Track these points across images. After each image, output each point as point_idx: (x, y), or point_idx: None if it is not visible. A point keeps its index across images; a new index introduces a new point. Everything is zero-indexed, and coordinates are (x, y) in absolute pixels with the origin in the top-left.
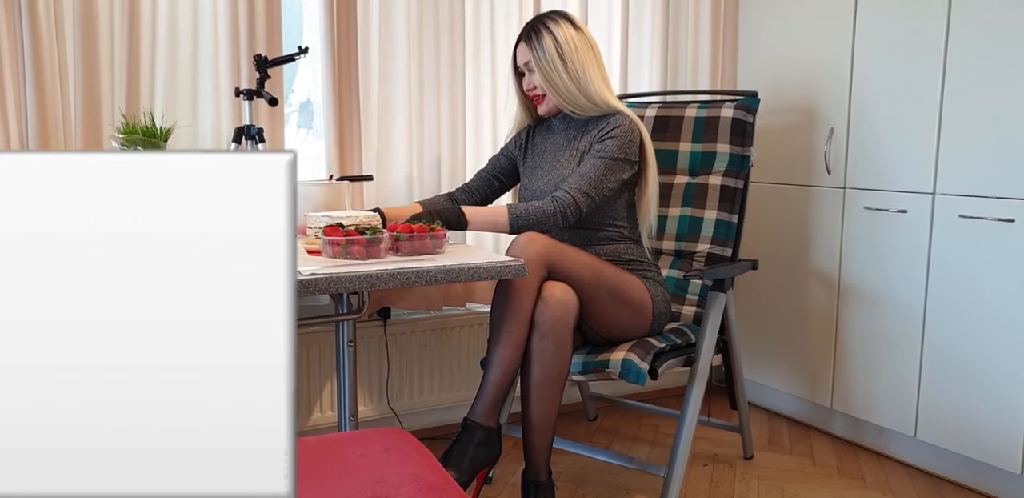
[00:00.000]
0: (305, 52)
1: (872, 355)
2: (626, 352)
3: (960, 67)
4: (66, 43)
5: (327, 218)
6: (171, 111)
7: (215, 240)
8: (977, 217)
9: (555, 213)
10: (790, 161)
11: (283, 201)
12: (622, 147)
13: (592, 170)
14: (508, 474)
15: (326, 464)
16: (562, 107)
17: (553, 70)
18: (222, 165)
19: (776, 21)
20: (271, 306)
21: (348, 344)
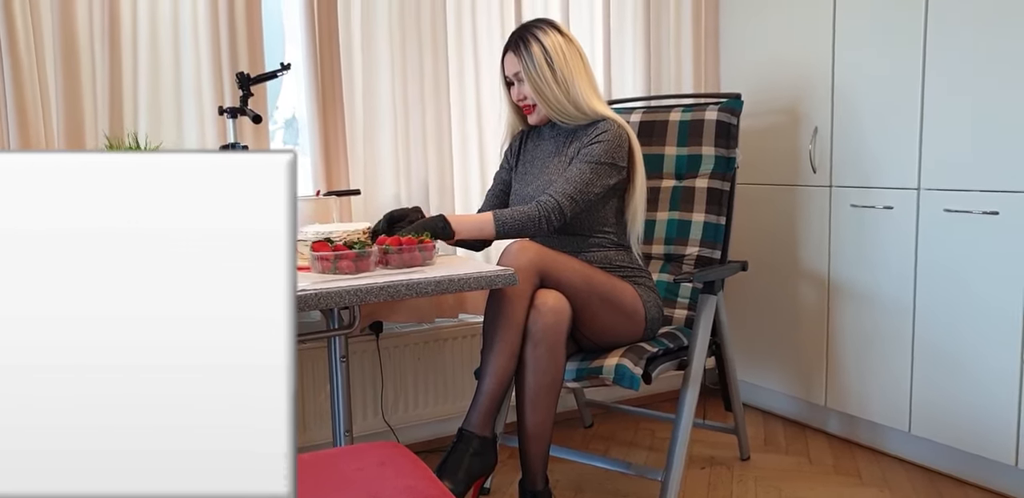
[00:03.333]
0: (288, 68)
1: (864, 352)
2: (619, 357)
3: (939, 63)
4: (46, 65)
5: (318, 233)
6: (155, 131)
7: (215, 240)
8: (962, 211)
9: (539, 217)
10: (775, 161)
11: (283, 201)
12: (609, 152)
13: (578, 174)
14: (505, 484)
15: (322, 479)
16: (551, 117)
17: (542, 79)
18: (222, 165)
19: (757, 23)
20: (271, 306)
21: (341, 359)
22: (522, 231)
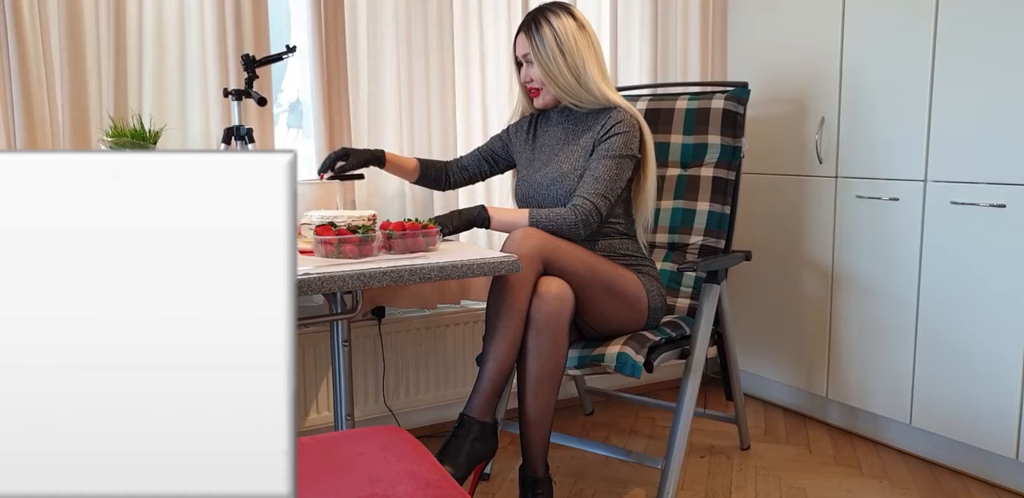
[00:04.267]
0: (293, 51)
1: (866, 344)
2: (621, 346)
3: (949, 54)
4: (52, 46)
5: (322, 217)
6: (159, 113)
7: (215, 240)
8: (969, 203)
9: (576, 222)
10: (782, 151)
11: (283, 201)
12: (627, 143)
13: (605, 172)
14: (506, 470)
15: (324, 463)
16: (562, 99)
17: (552, 63)
18: (222, 165)
19: (765, 11)
20: (271, 306)
21: (343, 344)
22: (556, 233)
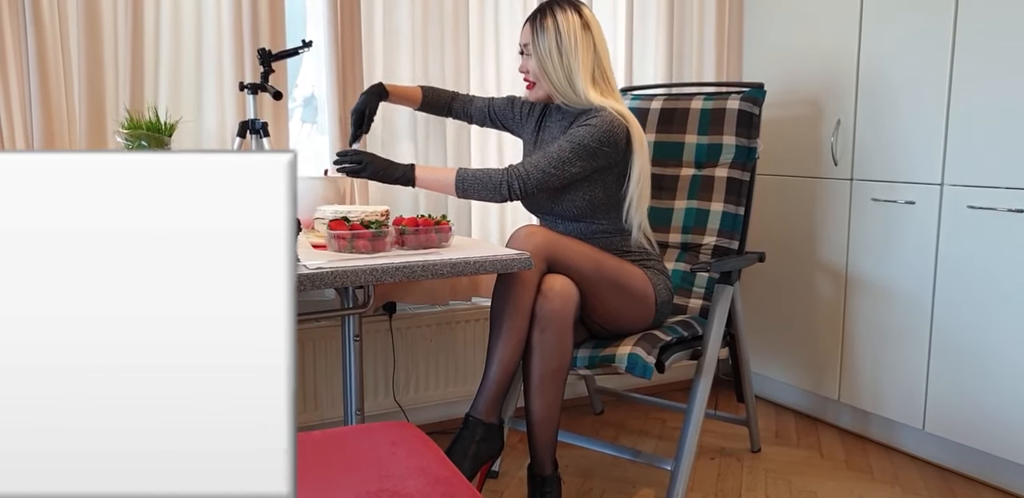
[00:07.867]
0: (309, 46)
1: (880, 348)
2: (632, 346)
3: (968, 57)
4: (70, 39)
5: (336, 212)
6: (175, 106)
7: (215, 240)
8: (986, 208)
9: (502, 181)
10: (797, 153)
11: (283, 201)
12: (594, 135)
13: (556, 151)
14: (515, 468)
15: (334, 458)
16: (554, 97)
17: (548, 58)
18: (222, 165)
19: (782, 11)
20: (271, 306)
21: (354, 338)
22: (480, 192)
